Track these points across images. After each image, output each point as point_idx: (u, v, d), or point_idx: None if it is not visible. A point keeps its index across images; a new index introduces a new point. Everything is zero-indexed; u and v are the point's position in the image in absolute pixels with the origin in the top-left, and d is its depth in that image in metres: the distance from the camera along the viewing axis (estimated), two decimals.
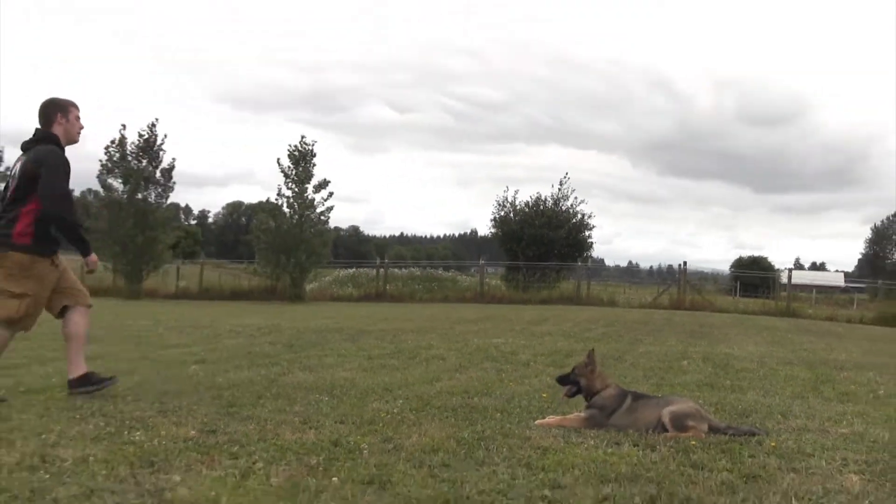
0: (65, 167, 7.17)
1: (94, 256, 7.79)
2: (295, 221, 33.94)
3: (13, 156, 12.02)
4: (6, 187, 7.18)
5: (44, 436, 5.39)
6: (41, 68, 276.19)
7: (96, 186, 35.17)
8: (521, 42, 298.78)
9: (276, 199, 34.87)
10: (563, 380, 6.75)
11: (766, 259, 75.98)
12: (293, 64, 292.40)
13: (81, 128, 7.50)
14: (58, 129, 7.28)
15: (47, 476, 4.42)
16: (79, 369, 7.27)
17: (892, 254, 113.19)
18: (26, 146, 7.29)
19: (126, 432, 5.58)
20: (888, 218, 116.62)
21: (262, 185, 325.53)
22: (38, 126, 7.33)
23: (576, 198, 42.46)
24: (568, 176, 42.81)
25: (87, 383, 7.23)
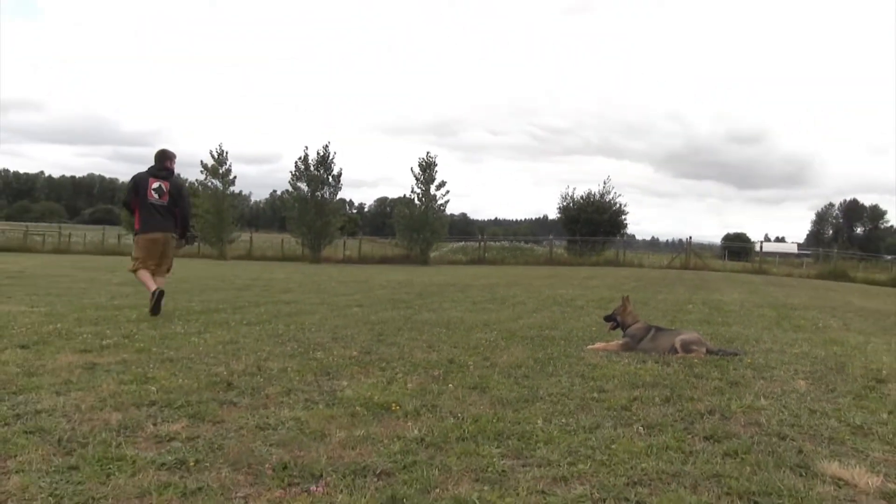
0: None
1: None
2: (422, 210, 34.11)
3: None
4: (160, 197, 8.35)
5: (259, 353, 5.59)
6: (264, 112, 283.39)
7: (291, 188, 36.01)
8: (581, 86, 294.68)
9: (410, 195, 35.15)
10: (607, 318, 6.75)
11: (745, 234, 73.85)
12: (421, 102, 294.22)
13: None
14: (171, 166, 8.48)
15: (261, 379, 4.60)
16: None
17: (828, 231, 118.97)
18: (164, 176, 8.34)
19: (311, 352, 5.73)
20: (825, 207, 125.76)
21: (401, 185, 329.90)
22: (156, 163, 8.44)
23: (615, 193, 42.31)
24: (610, 178, 43.43)
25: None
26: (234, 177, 38.31)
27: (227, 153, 37.71)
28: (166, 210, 8.32)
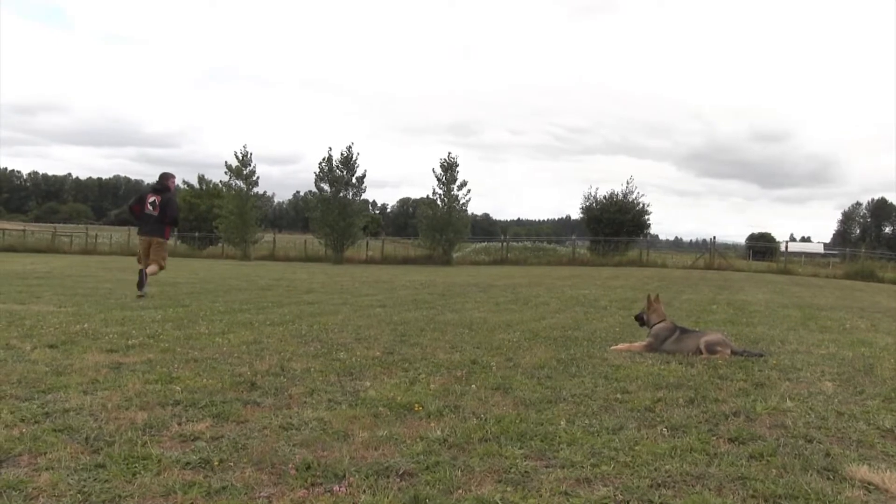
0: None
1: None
2: (445, 210, 34.12)
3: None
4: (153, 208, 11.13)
5: (282, 353, 5.63)
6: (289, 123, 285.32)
7: (314, 189, 36.20)
8: (600, 84, 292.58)
9: (432, 195, 35.17)
10: (637, 317, 6.73)
11: (770, 234, 73.10)
12: (443, 103, 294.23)
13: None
14: (171, 185, 11.46)
15: (285, 379, 4.63)
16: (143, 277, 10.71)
17: (856, 230, 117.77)
18: (160, 191, 11.20)
19: (334, 352, 5.76)
20: (852, 206, 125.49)
21: (423, 185, 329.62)
22: (158, 181, 11.45)
23: (638, 192, 41.84)
24: (632, 177, 42.94)
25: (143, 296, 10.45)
26: (258, 177, 38.62)
27: (251, 154, 38.04)
28: (156, 220, 11.05)
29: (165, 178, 11.44)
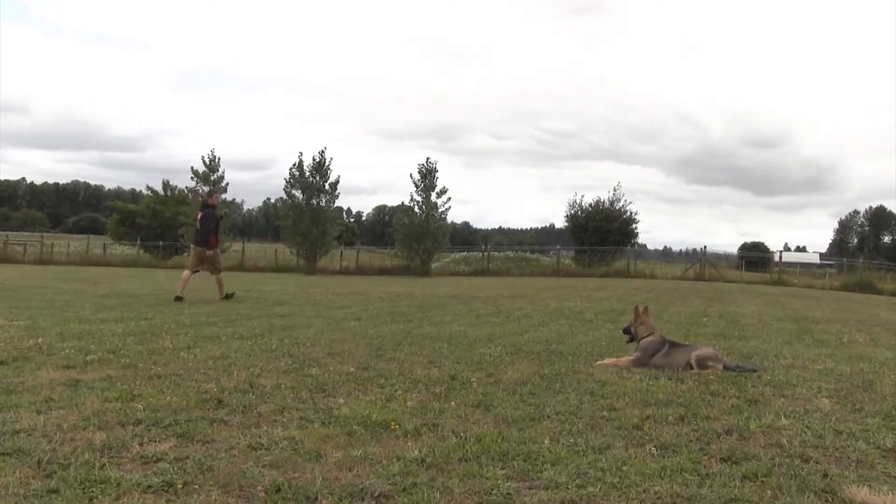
0: (214, 219, 13.52)
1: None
2: (423, 218, 34.07)
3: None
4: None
5: (251, 369, 5.59)
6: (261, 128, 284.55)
7: (285, 195, 36.02)
8: (589, 87, 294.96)
9: (410, 203, 35.14)
10: (625, 330, 6.76)
11: (763, 244, 73.87)
12: (423, 106, 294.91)
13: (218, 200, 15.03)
14: (213, 201, 14.13)
15: (254, 396, 4.60)
16: (221, 294, 13.27)
17: (853, 239, 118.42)
18: (203, 208, 13.89)
19: (306, 368, 5.73)
20: (849, 214, 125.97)
21: (400, 192, 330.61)
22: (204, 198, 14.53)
23: (625, 200, 41.99)
24: (620, 184, 42.73)
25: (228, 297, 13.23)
26: (227, 183, 38.36)
27: (219, 159, 37.73)
28: (200, 233, 13.60)
29: (208, 194, 15.31)
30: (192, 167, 37.60)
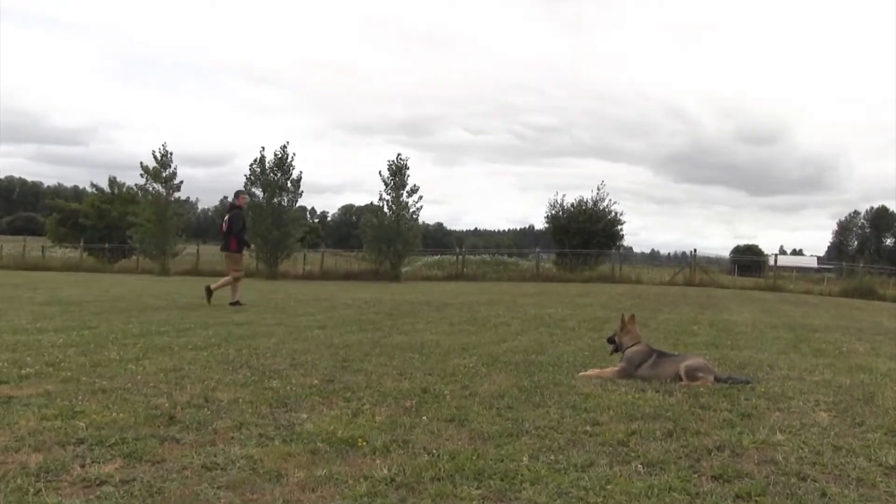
0: (240, 220, 14.38)
1: (251, 247, 15.26)
2: (393, 219, 34.07)
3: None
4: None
5: (206, 382, 5.54)
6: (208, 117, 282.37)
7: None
8: (572, 79, 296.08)
9: (379, 202, 35.09)
10: (610, 340, 6.80)
11: (757, 246, 74.94)
12: (392, 97, 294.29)
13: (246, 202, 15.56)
14: (239, 202, 14.92)
15: (209, 412, 4.56)
16: (234, 297, 13.77)
17: (853, 242, 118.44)
18: (229, 210, 14.87)
19: (266, 380, 5.70)
20: (849, 215, 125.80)
21: (369, 191, 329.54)
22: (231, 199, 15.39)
23: (610, 200, 42.16)
24: (604, 183, 43.06)
25: (236, 304, 13.51)
26: (181, 181, 38.07)
27: (171, 154, 37.41)
28: (224, 235, 14.49)
29: (235, 195, 15.09)
30: (141, 163, 37.32)
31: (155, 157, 37.05)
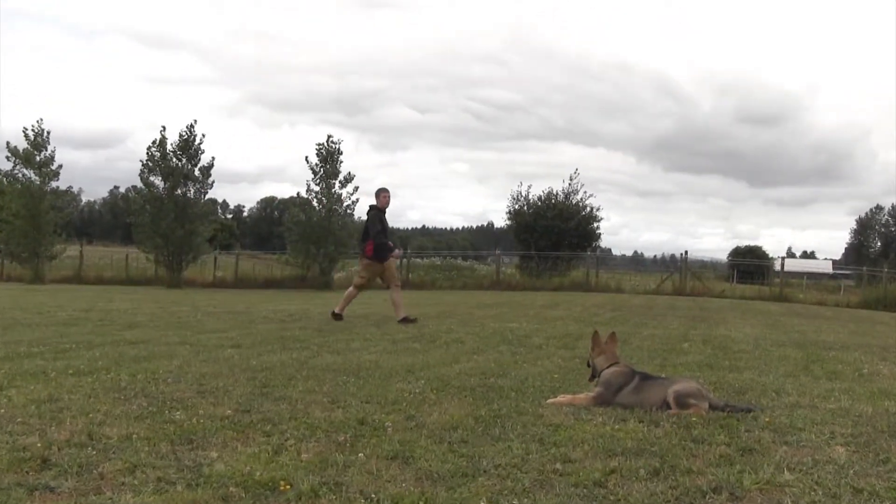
0: (377, 221, 14.64)
1: (397, 251, 15.94)
2: (323, 215, 34.03)
3: None
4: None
5: (91, 415, 5.44)
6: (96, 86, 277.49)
7: (139, 183, 35.28)
8: (541, 47, 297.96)
9: (306, 194, 34.97)
10: (589, 362, 6.78)
11: (761, 248, 76.28)
12: (322, 67, 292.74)
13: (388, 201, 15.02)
14: (380, 202, 14.91)
15: (94, 452, 4.46)
16: (399, 315, 14.25)
17: (875, 243, 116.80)
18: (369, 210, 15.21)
19: (167, 411, 5.62)
20: (871, 210, 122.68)
21: (293, 181, 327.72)
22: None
23: (585, 192, 42.36)
24: (578, 172, 42.62)
25: (406, 321, 13.94)
26: (59, 166, 37.47)
27: (48, 133, 36.83)
28: (360, 240, 15.57)
29: (376, 194, 15.15)
30: (8, 143, 36.64)
31: (26, 135, 36.43)
